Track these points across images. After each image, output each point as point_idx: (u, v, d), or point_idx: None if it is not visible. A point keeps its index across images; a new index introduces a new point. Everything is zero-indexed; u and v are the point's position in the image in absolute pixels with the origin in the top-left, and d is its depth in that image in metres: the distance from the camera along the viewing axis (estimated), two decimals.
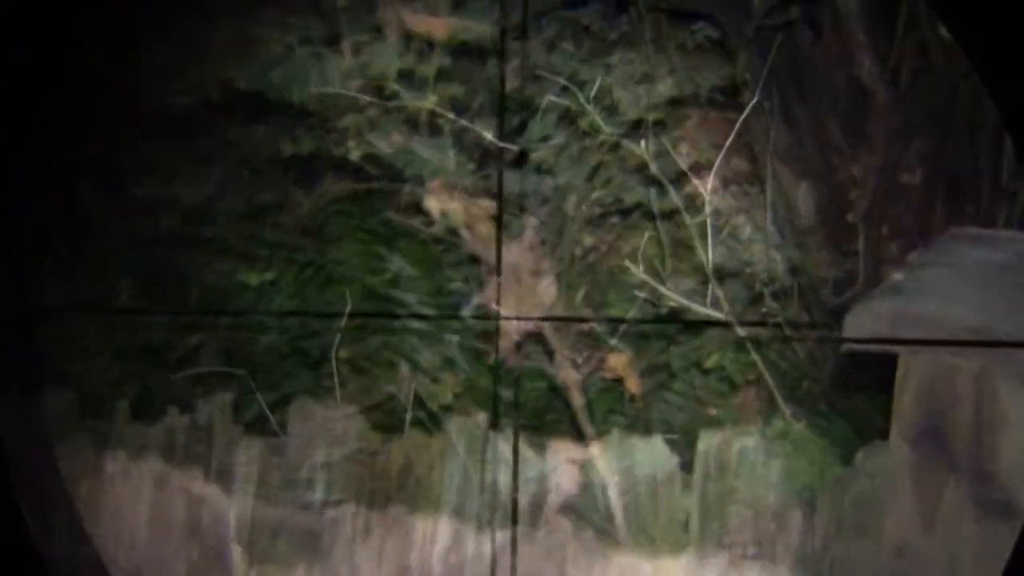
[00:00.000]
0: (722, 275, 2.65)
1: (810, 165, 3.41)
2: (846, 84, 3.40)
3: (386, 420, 3.23)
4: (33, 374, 3.09)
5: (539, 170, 2.69)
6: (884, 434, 2.87)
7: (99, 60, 2.99)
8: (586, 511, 3.04)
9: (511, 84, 3.09)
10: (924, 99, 3.28)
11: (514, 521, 2.82)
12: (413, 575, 1.91)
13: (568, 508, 2.92)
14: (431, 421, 3.17)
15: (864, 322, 2.85)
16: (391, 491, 3.01)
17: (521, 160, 2.75)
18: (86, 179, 3.27)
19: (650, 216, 3.06)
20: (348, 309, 3.08)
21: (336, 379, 3.13)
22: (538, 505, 2.93)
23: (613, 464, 3.04)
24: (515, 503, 2.96)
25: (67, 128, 3.05)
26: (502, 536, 1.80)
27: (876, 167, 3.33)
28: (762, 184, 3.34)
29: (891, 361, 2.81)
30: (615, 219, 3.05)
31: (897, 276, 2.88)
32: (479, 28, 2.95)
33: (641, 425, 3.29)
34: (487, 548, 1.88)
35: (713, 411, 3.38)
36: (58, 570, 2.67)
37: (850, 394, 3.23)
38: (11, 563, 1.90)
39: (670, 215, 3.10)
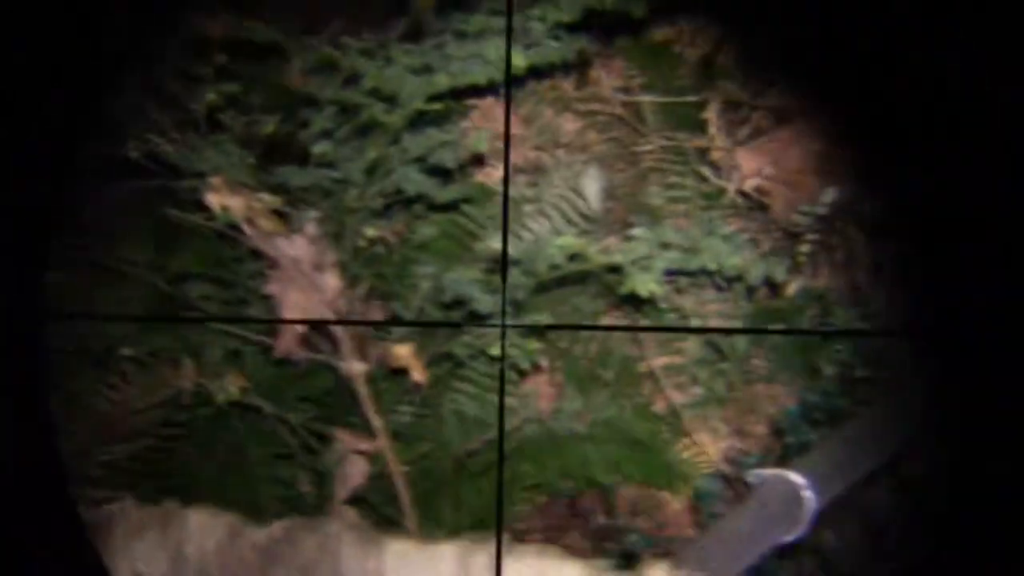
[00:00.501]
0: (508, 264, 2.81)
1: (599, 151, 3.60)
2: None
3: (171, 416, 3.38)
4: None
5: (320, 164, 2.84)
6: None
7: None
8: (375, 501, 3.27)
9: (294, 80, 3.28)
10: None
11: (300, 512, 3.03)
12: (190, 567, 2.07)
13: (356, 499, 3.09)
14: (218, 416, 3.32)
15: None
16: (170, 486, 3.20)
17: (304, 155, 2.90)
18: None
19: (434, 207, 3.22)
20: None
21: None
22: (325, 497, 3.12)
23: (401, 454, 3.22)
24: (300, 495, 3.19)
25: None
26: (282, 527, 1.98)
27: None
28: (549, 173, 3.53)
29: None
30: (399, 210, 3.17)
31: None
32: (260, 26, 3.09)
33: (431, 415, 3.51)
34: (262, 539, 2.07)
35: (507, 399, 3.60)
36: None
37: None
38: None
39: (454, 205, 3.26)
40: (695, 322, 3.53)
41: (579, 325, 3.63)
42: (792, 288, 3.64)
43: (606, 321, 3.72)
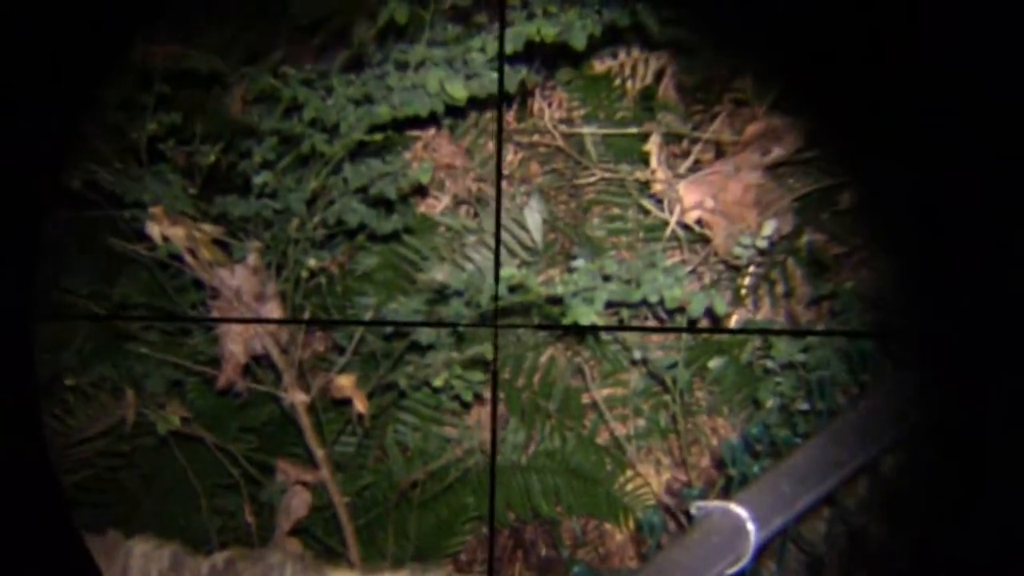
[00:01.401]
0: (448, 294, 2.83)
1: (540, 182, 3.63)
2: None
3: (114, 447, 3.38)
4: None
5: (261, 194, 2.85)
6: None
7: None
8: (318, 533, 3.27)
9: (235, 109, 3.29)
10: None
11: (243, 543, 3.03)
12: None
13: (299, 530, 3.09)
14: (161, 446, 3.32)
15: None
16: (113, 516, 3.19)
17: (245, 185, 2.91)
18: None
19: (376, 238, 3.23)
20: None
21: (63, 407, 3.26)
22: (268, 528, 3.12)
23: (344, 486, 3.23)
24: (243, 525, 3.18)
25: None
26: (224, 557, 1.98)
27: None
28: (490, 204, 3.56)
29: None
30: (340, 239, 3.18)
31: None
32: (202, 56, 3.09)
33: (374, 446, 3.52)
34: (204, 570, 2.07)
35: (448, 431, 3.62)
36: None
37: None
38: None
39: (394, 235, 3.28)
40: (637, 355, 3.55)
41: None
42: (733, 321, 3.66)
43: (548, 353, 3.73)
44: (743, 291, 3.67)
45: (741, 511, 2.31)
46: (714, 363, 3.61)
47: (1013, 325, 2.38)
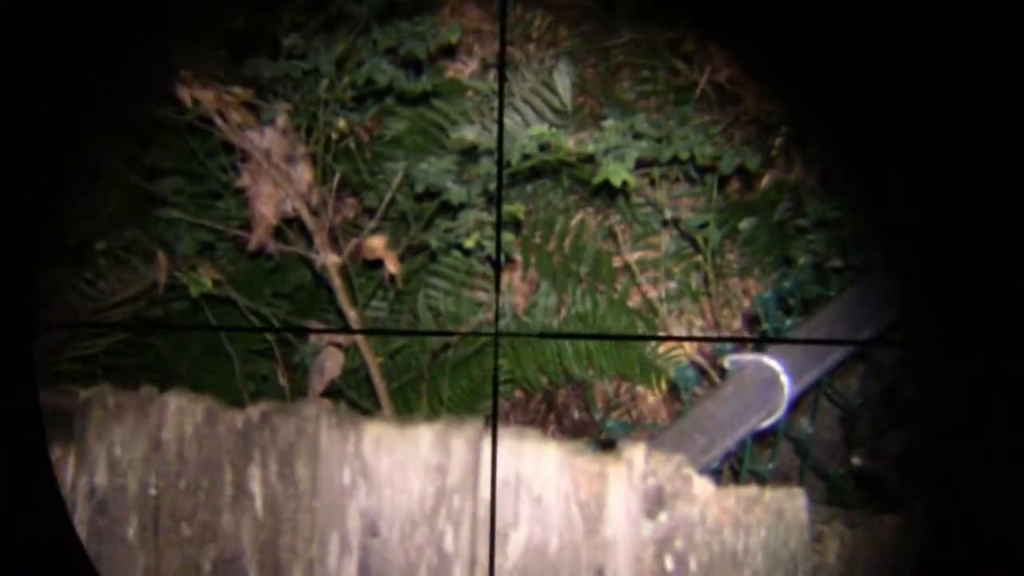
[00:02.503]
0: (477, 154, 2.82)
1: (569, 45, 3.60)
2: None
3: (147, 311, 3.39)
4: None
5: (290, 55, 2.84)
6: None
7: None
8: (351, 394, 3.30)
9: None
10: None
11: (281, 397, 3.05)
12: (168, 451, 2.08)
13: (332, 392, 3.11)
14: (193, 310, 3.33)
15: None
16: (146, 376, 3.22)
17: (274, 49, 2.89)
18: None
19: (403, 99, 3.22)
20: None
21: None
22: (301, 390, 3.14)
23: (376, 348, 3.25)
24: (281, 387, 3.20)
25: None
26: (259, 411, 2.00)
27: None
28: (519, 68, 3.54)
29: None
30: (370, 102, 3.17)
31: None
32: None
33: (405, 310, 3.54)
34: (239, 423, 2.09)
35: (480, 295, 3.63)
36: None
37: None
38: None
39: (423, 98, 3.27)
40: (668, 215, 3.54)
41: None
42: (765, 181, 3.65)
43: (579, 216, 3.73)
44: (774, 152, 3.64)
45: (775, 364, 2.32)
46: (745, 223, 3.60)
47: None
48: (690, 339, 3.49)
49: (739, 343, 2.55)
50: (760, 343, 2.50)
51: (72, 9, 2.52)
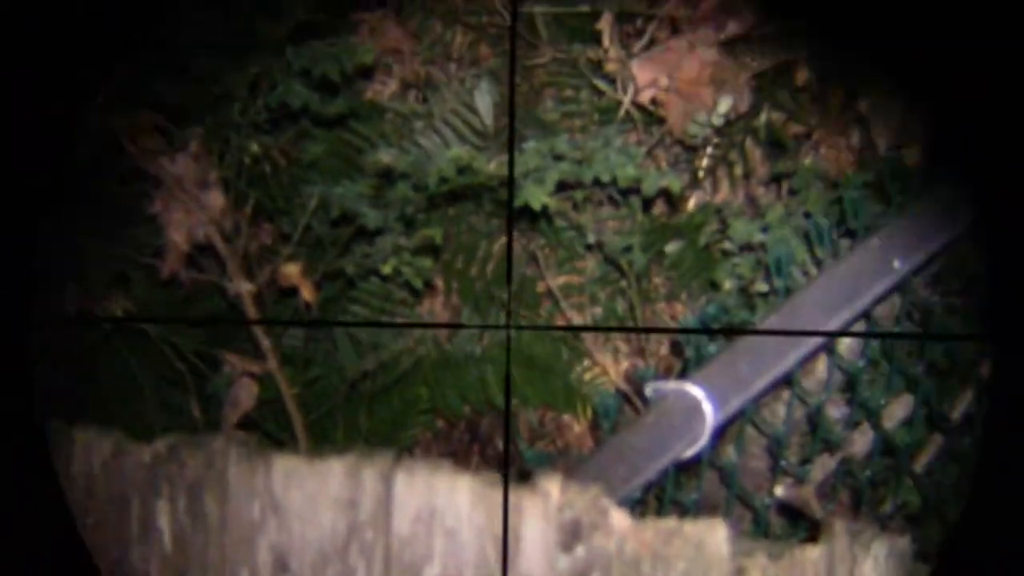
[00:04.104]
0: (394, 177, 2.82)
1: (491, 64, 3.61)
2: None
3: (56, 340, 3.36)
4: None
5: (202, 78, 2.83)
6: None
7: None
8: (266, 425, 3.28)
9: None
10: None
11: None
12: (76, 485, 2.07)
13: (246, 423, 3.10)
14: (104, 340, 3.31)
15: None
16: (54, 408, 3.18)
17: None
18: None
19: (320, 122, 3.22)
20: None
21: None
22: (215, 422, 3.13)
23: (291, 377, 3.24)
24: (194, 419, 3.18)
25: None
26: (167, 444, 1.99)
27: None
28: (440, 88, 3.55)
29: None
30: (286, 125, 3.17)
31: None
32: None
33: (323, 337, 3.52)
34: (147, 456, 2.08)
35: (399, 319, 3.62)
36: None
37: None
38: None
39: (339, 120, 3.26)
40: (592, 239, 3.56)
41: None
42: (691, 203, 3.67)
43: (502, 241, 3.73)
44: (701, 172, 3.67)
45: (697, 391, 2.34)
46: (671, 247, 3.62)
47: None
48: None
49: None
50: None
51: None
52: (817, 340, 2.50)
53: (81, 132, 3.09)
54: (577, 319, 3.74)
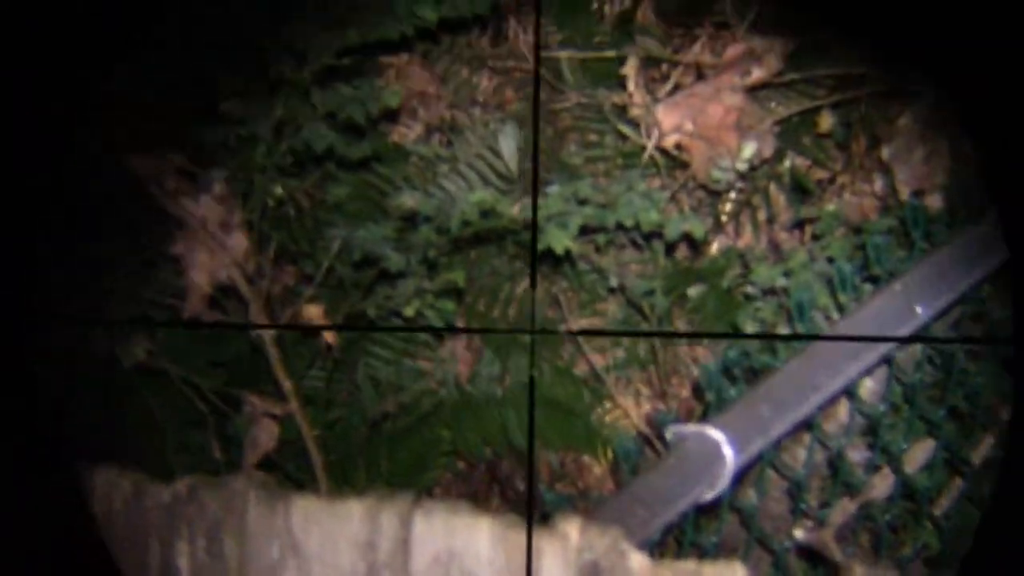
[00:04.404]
0: (417, 220, 2.84)
1: (515, 108, 3.63)
2: None
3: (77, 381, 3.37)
4: None
5: (226, 120, 2.85)
6: None
7: None
8: (287, 467, 3.29)
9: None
10: None
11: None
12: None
13: (266, 464, 3.10)
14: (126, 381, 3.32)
15: None
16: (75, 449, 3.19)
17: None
18: None
19: (344, 165, 3.23)
20: None
21: None
22: (235, 463, 3.13)
23: (312, 418, 3.24)
24: (214, 460, 3.19)
25: None
26: (187, 485, 2.00)
27: None
28: (464, 131, 3.56)
29: None
30: (310, 168, 3.18)
31: None
32: None
33: (345, 379, 3.53)
34: (167, 497, 2.08)
35: (423, 363, 3.63)
36: None
37: None
38: None
39: (363, 163, 3.28)
40: (614, 282, 3.56)
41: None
42: (714, 247, 3.68)
43: (524, 284, 3.74)
44: (724, 217, 3.68)
45: (717, 435, 2.33)
46: (693, 290, 3.62)
47: None
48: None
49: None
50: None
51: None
52: (838, 384, 2.50)
53: (107, 173, 3.12)
54: (599, 362, 3.74)
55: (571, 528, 1.77)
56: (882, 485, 2.91)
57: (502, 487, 3.86)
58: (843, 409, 2.83)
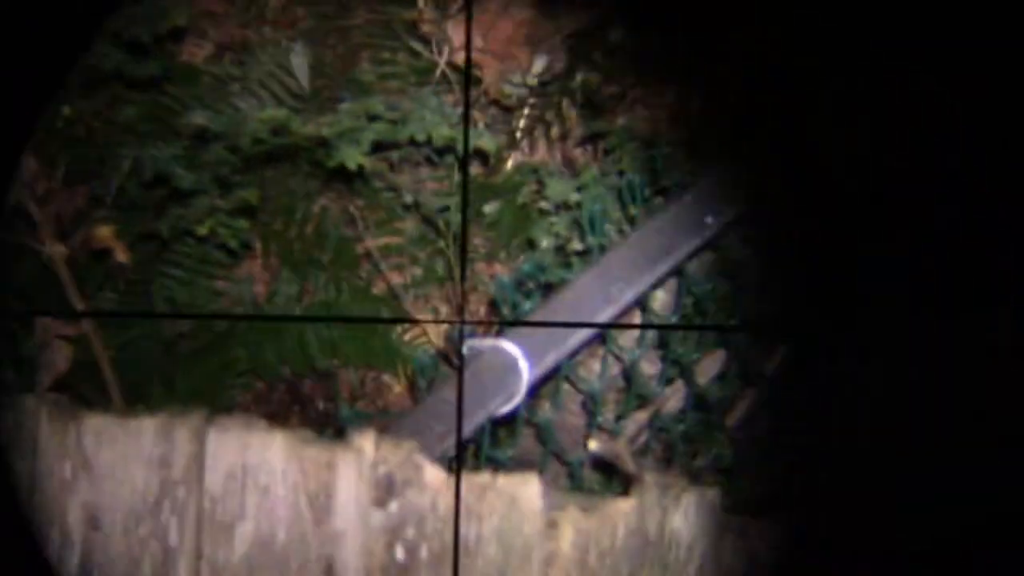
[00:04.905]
0: (207, 138, 2.81)
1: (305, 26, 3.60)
2: None
3: None
4: None
5: None
6: None
7: None
8: (81, 388, 3.25)
9: None
10: None
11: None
12: None
13: (62, 386, 3.07)
14: None
15: None
16: None
17: None
18: None
19: (132, 85, 3.19)
20: None
21: None
22: (29, 384, 3.09)
23: (106, 339, 3.21)
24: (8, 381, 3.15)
25: None
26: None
27: None
28: (255, 50, 3.53)
29: None
30: (99, 89, 3.14)
31: None
32: None
33: (140, 301, 3.50)
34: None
35: (219, 284, 3.60)
36: None
37: None
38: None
39: (152, 83, 3.24)
40: (409, 199, 3.57)
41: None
42: (509, 164, 3.70)
43: (321, 202, 3.73)
44: (518, 133, 3.70)
45: (512, 348, 2.36)
46: (489, 207, 3.64)
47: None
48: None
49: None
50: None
51: None
52: (630, 296, 2.54)
53: None
54: (397, 279, 3.75)
55: (366, 442, 1.79)
56: (676, 397, 2.98)
57: (303, 406, 3.86)
58: (636, 320, 2.88)
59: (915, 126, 2.24)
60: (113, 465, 1.81)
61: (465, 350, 2.39)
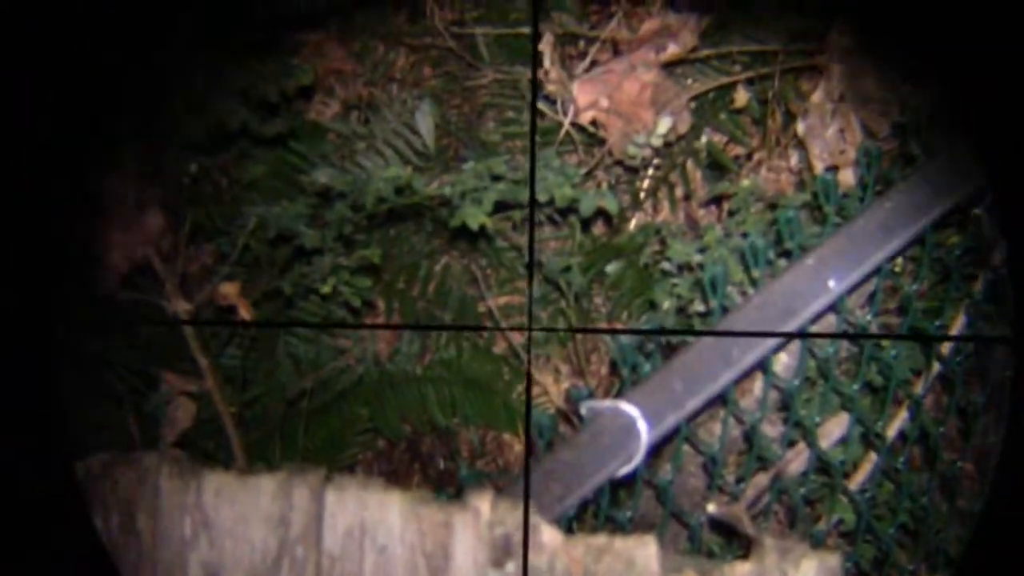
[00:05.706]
0: (331, 196, 2.83)
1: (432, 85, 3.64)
2: None
3: None
4: None
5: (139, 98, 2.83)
6: None
7: None
8: (205, 445, 3.28)
9: None
10: None
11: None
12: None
13: (185, 442, 3.09)
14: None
15: None
16: None
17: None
18: None
19: (259, 142, 3.22)
20: None
21: None
22: (153, 439, 3.12)
23: (230, 396, 3.24)
24: (131, 437, 3.18)
25: None
26: (100, 461, 1.99)
27: None
28: (381, 109, 3.56)
29: None
30: (225, 146, 3.17)
31: None
32: None
33: (263, 357, 3.53)
34: (79, 473, 2.07)
35: (341, 340, 3.63)
36: None
37: None
38: None
39: (279, 140, 3.27)
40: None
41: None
42: (632, 224, 3.70)
43: (443, 261, 3.75)
44: (642, 194, 3.70)
45: (631, 409, 2.34)
46: (612, 267, 3.64)
47: None
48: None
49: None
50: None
51: None
52: (752, 359, 2.51)
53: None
54: (518, 339, 3.75)
55: (483, 503, 1.78)
56: (797, 460, 2.94)
57: (423, 465, 3.87)
58: (758, 384, 2.86)
59: None
60: (233, 523, 1.82)
61: (583, 411, 2.37)
